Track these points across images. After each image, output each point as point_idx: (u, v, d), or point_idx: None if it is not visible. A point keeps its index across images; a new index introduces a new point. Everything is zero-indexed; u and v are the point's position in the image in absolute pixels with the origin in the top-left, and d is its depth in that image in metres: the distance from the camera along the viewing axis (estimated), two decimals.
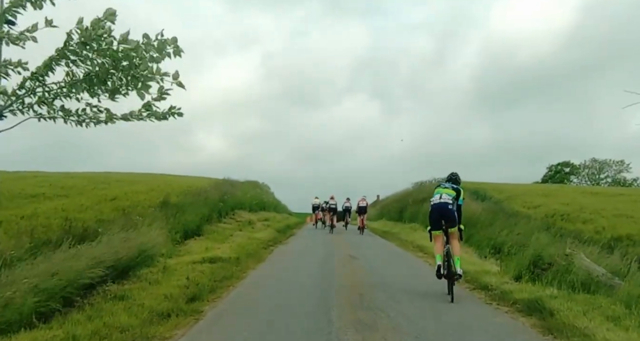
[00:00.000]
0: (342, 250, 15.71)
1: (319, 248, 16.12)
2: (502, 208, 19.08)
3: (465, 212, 9.11)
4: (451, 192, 8.35)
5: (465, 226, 17.48)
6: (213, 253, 13.78)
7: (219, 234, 18.65)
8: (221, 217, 22.08)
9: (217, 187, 24.51)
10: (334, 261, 12.43)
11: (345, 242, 18.95)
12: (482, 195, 24.31)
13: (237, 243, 16.49)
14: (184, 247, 15.69)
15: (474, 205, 21.31)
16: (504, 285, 8.95)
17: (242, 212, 24.94)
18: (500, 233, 14.71)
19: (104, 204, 19.11)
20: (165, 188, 23.81)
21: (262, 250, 15.53)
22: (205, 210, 20.22)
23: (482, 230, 16.04)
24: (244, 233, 19.87)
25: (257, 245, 16.70)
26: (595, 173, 66.21)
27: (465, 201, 10.71)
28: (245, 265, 12.02)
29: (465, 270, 8.86)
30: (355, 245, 17.60)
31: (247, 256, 13.72)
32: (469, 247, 15.67)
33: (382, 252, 15.45)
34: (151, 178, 28.71)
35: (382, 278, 10.01)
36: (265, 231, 21.92)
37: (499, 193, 24.31)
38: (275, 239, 19.69)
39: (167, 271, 9.96)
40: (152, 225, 13.19)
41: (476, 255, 14.42)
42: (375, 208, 37.88)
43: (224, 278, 9.83)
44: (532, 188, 29.75)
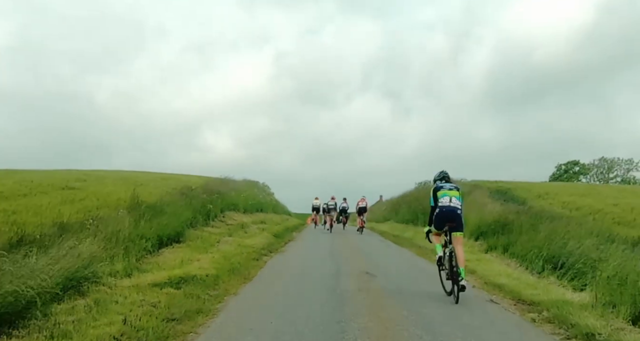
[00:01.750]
0: (354, 262, 12.28)
1: (325, 260, 12.70)
2: (541, 210, 15.64)
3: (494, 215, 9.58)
4: (459, 195, 8.11)
5: (498, 232, 14.21)
6: (187, 268, 10.41)
7: (203, 241, 15.28)
8: (209, 220, 18.67)
9: (206, 186, 21.06)
10: (348, 282, 8.99)
11: (355, 250, 15.53)
12: (508, 194, 20.87)
13: (222, 253, 13.10)
14: (156, 259, 12.32)
15: (500, 206, 17.90)
16: (621, 333, 5.53)
17: (234, 214, 21.52)
18: (552, 241, 11.29)
19: (69, 205, 15.70)
20: (149, 187, 20.46)
21: (252, 263, 12.12)
22: (188, 212, 16.83)
23: (523, 237, 12.61)
24: (234, 240, 16.47)
25: (247, 256, 13.31)
26: (604, 173, 62.83)
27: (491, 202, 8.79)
28: (225, 288, 8.62)
29: (528, 296, 7.77)
30: (368, 255, 14.18)
31: (230, 272, 10.33)
32: (510, 259, 12.27)
33: (402, 265, 12.03)
34: (137, 175, 25.30)
35: (421, 318, 6.59)
36: (260, 236, 18.50)
37: (526, 193, 20.89)
38: (270, 246, 16.28)
39: (99, 305, 6.52)
40: (95, 237, 9.81)
41: (525, 269, 11.02)
42: (381, 210, 34.53)
43: (185, 316, 6.42)
44: (561, 186, 26.29)
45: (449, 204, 7.98)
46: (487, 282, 9.30)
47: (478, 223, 16.21)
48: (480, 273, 10.28)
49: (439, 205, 8.06)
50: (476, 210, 17.42)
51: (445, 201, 8.01)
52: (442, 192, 8.13)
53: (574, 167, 64.10)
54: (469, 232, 16.24)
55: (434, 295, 8.13)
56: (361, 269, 10.76)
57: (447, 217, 7.98)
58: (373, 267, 11.22)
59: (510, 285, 8.79)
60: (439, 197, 8.12)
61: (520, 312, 7.02)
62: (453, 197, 8.03)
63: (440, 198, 8.08)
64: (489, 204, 18.06)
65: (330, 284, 8.84)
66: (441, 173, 8.60)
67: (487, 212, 16.68)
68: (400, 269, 11.01)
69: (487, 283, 9.25)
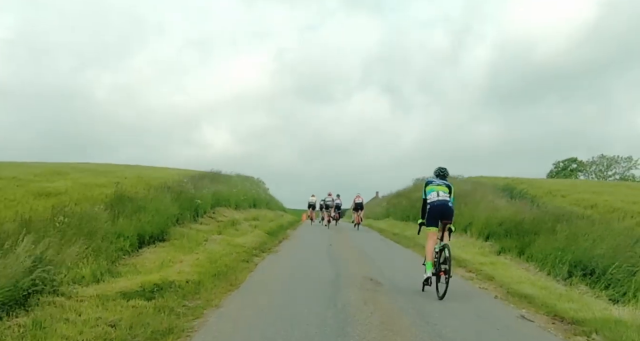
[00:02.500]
0: (354, 265, 10.95)
1: (322, 262, 11.36)
2: (557, 209, 14.33)
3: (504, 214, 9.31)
4: (445, 189, 8.12)
5: (510, 232, 12.90)
6: (166, 272, 9.07)
7: (189, 239, 13.94)
8: (197, 216, 17.32)
9: (195, 181, 19.65)
10: (350, 293, 7.64)
11: (354, 251, 14.19)
12: (516, 191, 19.56)
13: (208, 254, 11.75)
14: (134, 260, 11.00)
15: (508, 203, 16.61)
16: None
17: (225, 210, 20.16)
18: (576, 243, 9.99)
19: (44, 199, 14.33)
20: (134, 181, 19.06)
21: (241, 265, 10.78)
22: (174, 207, 15.45)
23: (541, 238, 11.31)
24: (223, 238, 15.11)
25: (236, 257, 11.97)
26: (602, 170, 61.68)
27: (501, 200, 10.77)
28: (206, 298, 7.28)
29: (566, 311, 6.60)
30: (369, 256, 12.84)
31: (214, 277, 8.99)
32: (528, 262, 10.98)
33: (409, 269, 10.69)
34: (124, 169, 23.87)
35: None
36: (252, 234, 17.15)
37: (535, 189, 19.57)
38: (262, 245, 14.94)
39: (39, 328, 5.12)
40: (64, 236, 8.46)
41: (547, 275, 9.72)
42: (381, 206, 33.21)
43: (151, 339, 5.07)
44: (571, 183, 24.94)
45: (438, 198, 7.96)
46: (511, 292, 7.98)
47: (486, 222, 14.94)
48: (499, 280, 8.97)
49: (428, 201, 8.08)
50: (483, 207, 16.13)
51: (433, 196, 8.02)
52: (430, 187, 8.16)
53: (571, 164, 62.93)
54: (477, 231, 14.97)
55: (452, 310, 6.80)
56: (364, 274, 9.42)
57: (439, 212, 7.97)
58: (377, 272, 9.88)
59: (539, 297, 7.47)
60: (427, 192, 8.17)
61: (563, 334, 5.70)
62: (440, 191, 8.02)
63: (429, 194, 8.11)
64: (495, 201, 16.76)
65: (329, 294, 7.49)
66: (438, 170, 8.54)
67: (496, 210, 15.39)
68: (409, 274, 9.68)
69: (511, 293, 7.93)
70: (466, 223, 16.07)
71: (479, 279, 9.31)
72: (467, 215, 16.38)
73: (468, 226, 15.78)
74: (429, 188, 8.19)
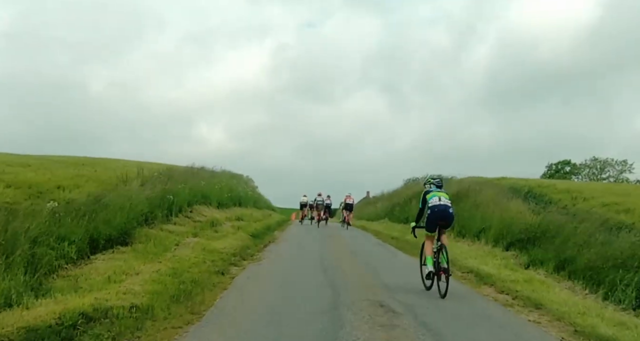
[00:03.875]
0: (356, 281, 8.57)
1: (315, 276, 9.01)
2: (589, 214, 12.09)
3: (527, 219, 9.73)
4: (447, 195, 8.17)
5: (540, 242, 10.65)
6: (107, 292, 6.74)
7: (157, 243, 11.58)
8: (171, 215, 14.86)
9: (171, 175, 17.17)
10: (355, 331, 5.26)
11: (353, 260, 11.83)
12: (530, 193, 17.32)
13: (174, 263, 9.38)
14: (78, 271, 8.71)
15: (531, 207, 14.36)
16: None
17: (205, 208, 17.69)
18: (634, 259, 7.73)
19: None
20: (100, 174, 16.62)
21: (213, 280, 8.43)
22: (143, 205, 13.01)
23: (588, 251, 9.04)
24: (199, 242, 12.70)
25: (210, 267, 9.62)
26: (596, 173, 59.87)
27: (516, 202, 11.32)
28: (149, 340, 4.90)
29: None
30: (371, 267, 10.46)
31: (172, 300, 6.65)
32: (570, 281, 8.72)
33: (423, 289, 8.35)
34: (95, 162, 21.34)
35: None
36: (233, 236, 14.75)
37: (549, 191, 17.33)
38: (244, 251, 12.58)
39: None
40: None
41: (603, 300, 7.42)
42: (375, 207, 30.98)
43: None
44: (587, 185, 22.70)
45: (439, 203, 7.95)
46: (580, 331, 5.64)
47: (502, 228, 12.71)
48: (549, 307, 6.66)
49: (429, 205, 8.04)
50: (498, 211, 13.88)
51: (435, 201, 8.00)
52: (430, 194, 8.14)
53: (565, 167, 61.08)
54: (493, 238, 12.72)
55: None
56: (370, 297, 7.07)
57: (439, 216, 7.92)
58: (386, 292, 7.53)
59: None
60: (428, 199, 8.12)
61: None
62: (442, 196, 8.03)
63: (430, 199, 8.07)
64: (512, 204, 14.51)
65: (327, 335, 5.12)
66: (437, 180, 8.58)
67: (516, 214, 13.14)
68: (430, 298, 7.34)
69: (581, 332, 5.60)
70: (478, 228, 13.83)
71: (520, 306, 7.02)
72: (479, 220, 14.15)
73: (481, 232, 13.52)
74: (429, 195, 8.15)
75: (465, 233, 14.53)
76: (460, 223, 15.14)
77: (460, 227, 15.04)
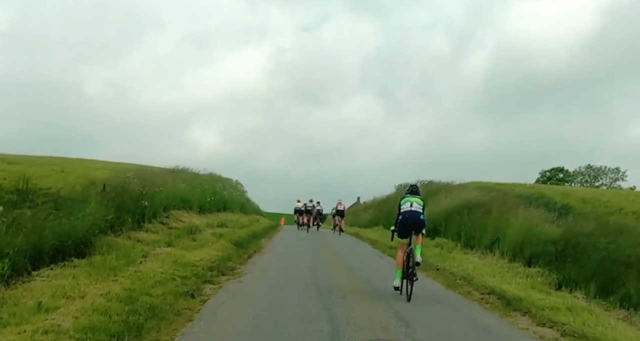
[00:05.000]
0: (360, 308, 6.74)
1: (308, 301, 7.20)
2: (621, 225, 10.40)
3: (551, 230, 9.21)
4: (420, 201, 8.34)
5: (574, 258, 9.04)
6: (29, 327, 4.87)
7: (121, 254, 9.82)
8: (143, 222, 13.00)
9: (146, 177, 15.26)
10: None
11: (352, 276, 10.02)
12: (541, 200, 15.64)
13: (133, 282, 7.64)
14: (10, 292, 6.87)
15: (539, 214, 12.67)
16: None
17: (184, 214, 15.83)
18: None
19: None
20: (64, 175, 14.78)
21: (178, 305, 6.62)
22: (108, 210, 11.15)
23: (631, 271, 7.31)
24: (172, 252, 10.90)
25: (177, 286, 7.83)
26: (589, 181, 58.67)
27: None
28: None
29: None
30: (374, 287, 8.65)
31: None
32: (624, 309, 6.98)
33: (455, 320, 6.57)
34: (62, 162, 19.40)
35: None
36: (214, 245, 12.91)
37: (568, 200, 15.66)
38: (224, 263, 10.77)
39: None
40: None
41: None
42: (367, 213, 29.26)
43: None
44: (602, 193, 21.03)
45: (410, 209, 8.16)
46: None
47: (520, 240, 10.98)
48: None
49: (401, 211, 8.25)
50: (512, 220, 12.18)
51: (407, 206, 8.21)
52: (404, 200, 8.37)
53: (558, 174, 59.84)
54: (510, 251, 11.02)
55: None
56: (383, 335, 5.27)
57: (409, 222, 8.11)
58: (402, 326, 5.74)
59: None
60: (401, 205, 8.32)
61: None
62: (414, 202, 8.22)
63: (403, 205, 8.29)
64: (527, 212, 12.82)
65: None
66: (410, 187, 8.80)
67: (532, 223, 11.45)
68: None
69: None
70: (491, 239, 12.11)
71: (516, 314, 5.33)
72: (491, 229, 12.44)
73: (495, 243, 11.81)
74: (403, 201, 8.37)
75: (474, 244, 12.82)
76: (469, 233, 13.44)
77: (469, 237, 13.35)
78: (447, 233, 14.63)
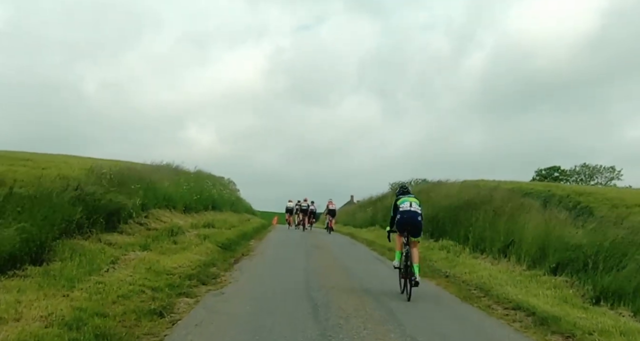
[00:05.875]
0: (364, 324, 5.40)
1: (304, 319, 5.83)
2: None
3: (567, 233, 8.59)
4: (417, 201, 8.22)
5: (599, 267, 7.66)
6: None
7: (86, 260, 8.46)
8: (118, 222, 11.58)
9: (124, 173, 13.80)
10: None
11: (352, 283, 8.63)
12: (554, 199, 14.34)
13: (91, 297, 6.28)
14: None
15: (562, 218, 11.38)
16: None
17: (165, 213, 14.40)
18: None
19: None
20: (37, 172, 13.33)
21: (143, 326, 5.25)
22: (75, 209, 9.74)
23: None
24: (146, 257, 9.51)
25: (147, 300, 6.52)
26: (584, 180, 57.64)
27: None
28: None
29: None
30: (377, 299, 7.29)
31: None
32: None
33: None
34: (36, 157, 17.93)
35: None
36: (196, 248, 11.52)
37: (586, 199, 14.35)
38: (205, 270, 9.39)
39: None
40: None
41: None
42: (365, 212, 27.95)
43: None
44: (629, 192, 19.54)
45: (409, 209, 8.02)
46: None
47: (540, 245, 9.67)
48: None
49: (400, 210, 8.11)
50: (528, 222, 10.88)
51: (406, 206, 8.07)
52: (401, 200, 8.20)
53: (553, 173, 58.82)
54: (529, 257, 9.72)
55: None
56: None
57: (407, 222, 7.99)
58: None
59: None
60: (399, 204, 8.17)
61: None
62: (413, 202, 8.10)
63: (401, 205, 8.13)
64: (546, 213, 11.53)
65: None
66: (401, 188, 8.72)
67: (553, 226, 10.15)
68: None
69: None
70: (504, 242, 10.80)
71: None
72: (503, 231, 11.13)
73: (510, 247, 10.50)
74: (400, 201, 8.19)
75: (484, 248, 11.50)
76: (479, 235, 12.13)
77: (478, 239, 12.03)
78: (453, 235, 13.31)
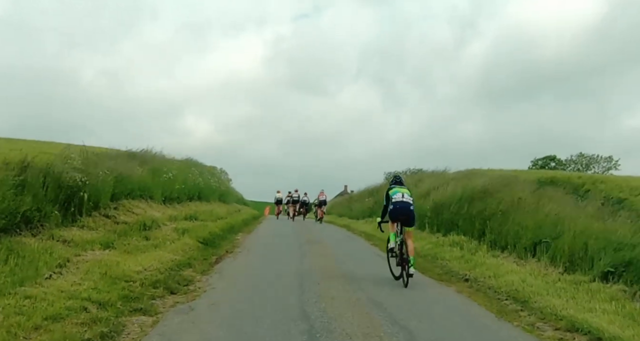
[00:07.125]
0: None
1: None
2: None
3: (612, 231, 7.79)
4: (409, 192, 8.24)
5: None
6: None
7: (25, 263, 6.69)
8: (80, 214, 9.76)
9: (92, 160, 11.89)
10: None
11: (354, 288, 6.89)
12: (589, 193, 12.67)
13: (1, 322, 4.39)
14: None
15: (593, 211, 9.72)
16: None
17: (140, 204, 12.54)
18: None
19: None
20: None
21: None
22: (22, 200, 7.93)
23: None
24: (108, 257, 7.75)
25: (84, 323, 4.78)
26: (581, 169, 56.28)
27: None
28: None
29: None
30: (391, 317, 5.59)
31: None
32: None
33: None
34: (17, 144, 16.02)
35: None
36: (172, 245, 9.76)
37: (609, 188, 12.72)
38: (177, 273, 7.69)
39: None
40: None
41: None
42: (362, 204, 26.27)
43: None
44: None
45: (402, 199, 8.00)
46: None
47: (581, 244, 7.98)
48: None
49: (392, 201, 8.07)
50: (563, 217, 9.20)
51: (398, 197, 8.04)
52: (393, 190, 8.20)
53: (550, 162, 57.44)
54: (565, 258, 8.03)
55: None
56: None
57: (400, 212, 7.97)
58: None
59: None
60: (391, 195, 8.16)
61: None
62: (405, 193, 8.08)
63: (393, 196, 8.11)
64: (567, 207, 9.85)
65: None
66: (394, 177, 8.71)
67: (590, 222, 8.47)
68: None
69: None
70: (532, 240, 9.11)
71: None
72: (530, 228, 9.42)
73: (537, 245, 8.82)
74: (392, 191, 8.18)
75: (506, 245, 9.81)
76: (496, 230, 10.44)
77: (496, 234, 10.35)
78: (465, 229, 11.61)
